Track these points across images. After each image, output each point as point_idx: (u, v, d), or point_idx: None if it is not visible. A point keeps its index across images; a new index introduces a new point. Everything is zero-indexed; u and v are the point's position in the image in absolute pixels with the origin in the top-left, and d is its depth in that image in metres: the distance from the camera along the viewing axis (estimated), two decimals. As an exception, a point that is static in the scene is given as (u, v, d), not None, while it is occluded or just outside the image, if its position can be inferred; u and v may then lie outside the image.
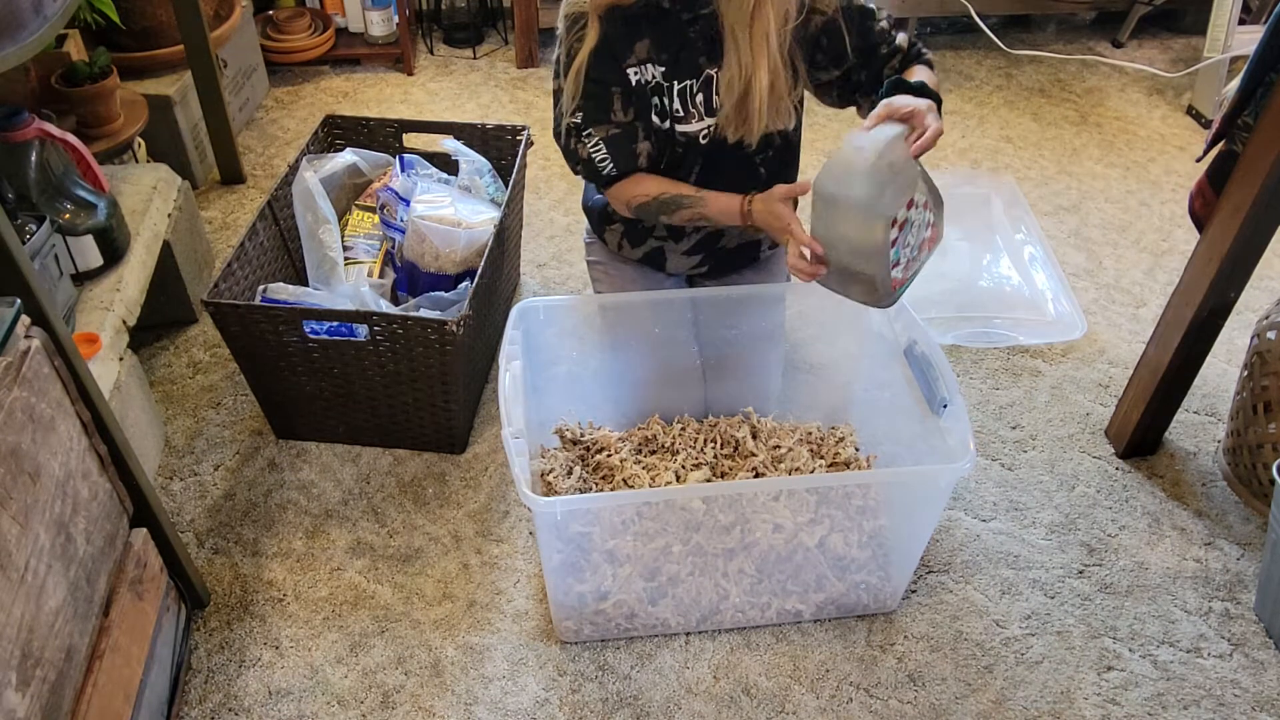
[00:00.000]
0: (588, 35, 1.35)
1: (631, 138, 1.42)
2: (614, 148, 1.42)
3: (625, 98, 1.40)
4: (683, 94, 1.40)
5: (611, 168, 1.43)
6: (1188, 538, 1.60)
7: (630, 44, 1.38)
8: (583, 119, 1.41)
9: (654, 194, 1.45)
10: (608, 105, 1.40)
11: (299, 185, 1.73)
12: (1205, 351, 1.59)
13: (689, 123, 1.42)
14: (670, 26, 1.37)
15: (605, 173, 1.44)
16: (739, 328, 1.60)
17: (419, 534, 1.57)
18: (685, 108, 1.41)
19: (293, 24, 2.73)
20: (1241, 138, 1.40)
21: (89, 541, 1.11)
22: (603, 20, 1.35)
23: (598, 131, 1.41)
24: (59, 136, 1.56)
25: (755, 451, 1.55)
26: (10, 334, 0.99)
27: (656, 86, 1.40)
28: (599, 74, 1.38)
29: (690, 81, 1.40)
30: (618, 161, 1.43)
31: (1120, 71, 2.90)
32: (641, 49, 1.38)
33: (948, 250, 2.21)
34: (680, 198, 1.44)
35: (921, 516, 1.37)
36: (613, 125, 1.41)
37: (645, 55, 1.38)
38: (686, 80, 1.40)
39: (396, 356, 1.54)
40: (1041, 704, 1.37)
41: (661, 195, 1.44)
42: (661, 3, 1.35)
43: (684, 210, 1.45)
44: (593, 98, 1.40)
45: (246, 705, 1.34)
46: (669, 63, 1.39)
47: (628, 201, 1.47)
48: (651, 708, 1.35)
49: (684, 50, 1.38)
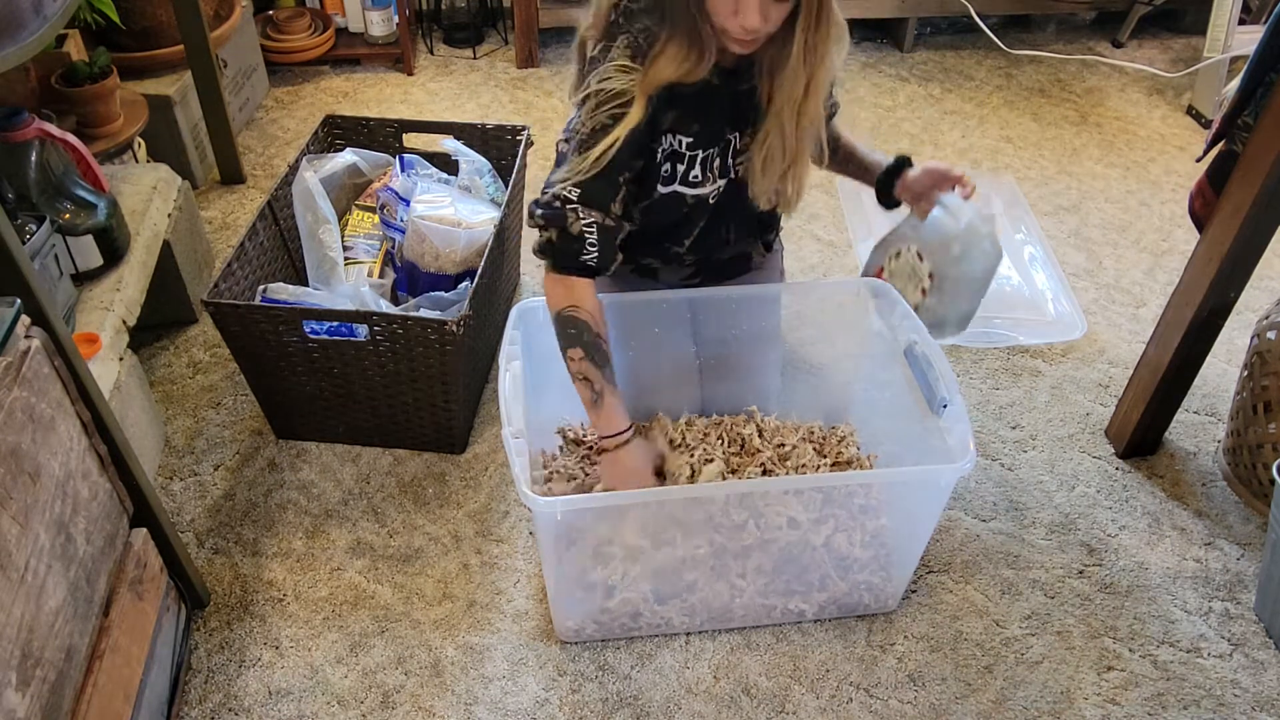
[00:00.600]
0: (631, 114, 1.25)
1: (617, 234, 1.32)
2: (604, 240, 1.30)
3: (627, 188, 1.31)
4: (705, 162, 1.37)
5: (594, 259, 1.30)
6: (1188, 538, 1.60)
7: (663, 117, 1.32)
8: (582, 196, 1.27)
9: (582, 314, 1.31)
10: (613, 196, 1.29)
11: (299, 185, 1.73)
12: (1205, 351, 1.59)
13: (704, 187, 1.39)
14: (706, 97, 1.32)
15: (582, 259, 1.30)
16: (737, 328, 1.60)
17: (419, 534, 1.57)
18: (703, 174, 1.38)
19: (293, 24, 2.73)
20: (1241, 138, 1.40)
21: (89, 541, 1.11)
22: (651, 100, 1.26)
23: (594, 216, 1.28)
24: (59, 136, 1.56)
25: (761, 449, 1.56)
26: (10, 334, 0.99)
27: (675, 155, 1.35)
28: (627, 157, 1.27)
29: (713, 150, 1.37)
30: (602, 256, 1.30)
31: (1120, 71, 2.90)
32: (669, 119, 1.32)
33: (948, 250, 2.21)
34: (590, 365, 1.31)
35: (922, 516, 1.37)
36: (609, 217, 1.30)
37: (671, 125, 1.33)
38: (711, 149, 1.36)
39: (396, 356, 1.54)
40: (1041, 704, 1.37)
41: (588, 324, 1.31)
42: (711, 80, 1.30)
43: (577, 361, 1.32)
44: (606, 181, 1.28)
45: (246, 705, 1.35)
46: (698, 133, 1.34)
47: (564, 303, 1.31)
48: (651, 708, 1.35)
49: (712, 121, 1.35)
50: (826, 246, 2.20)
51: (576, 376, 1.33)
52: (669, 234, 1.46)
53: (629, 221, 1.34)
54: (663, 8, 1.24)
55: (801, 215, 1.62)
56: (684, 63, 1.24)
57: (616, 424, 1.35)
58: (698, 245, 1.49)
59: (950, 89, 2.81)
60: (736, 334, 1.60)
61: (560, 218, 1.28)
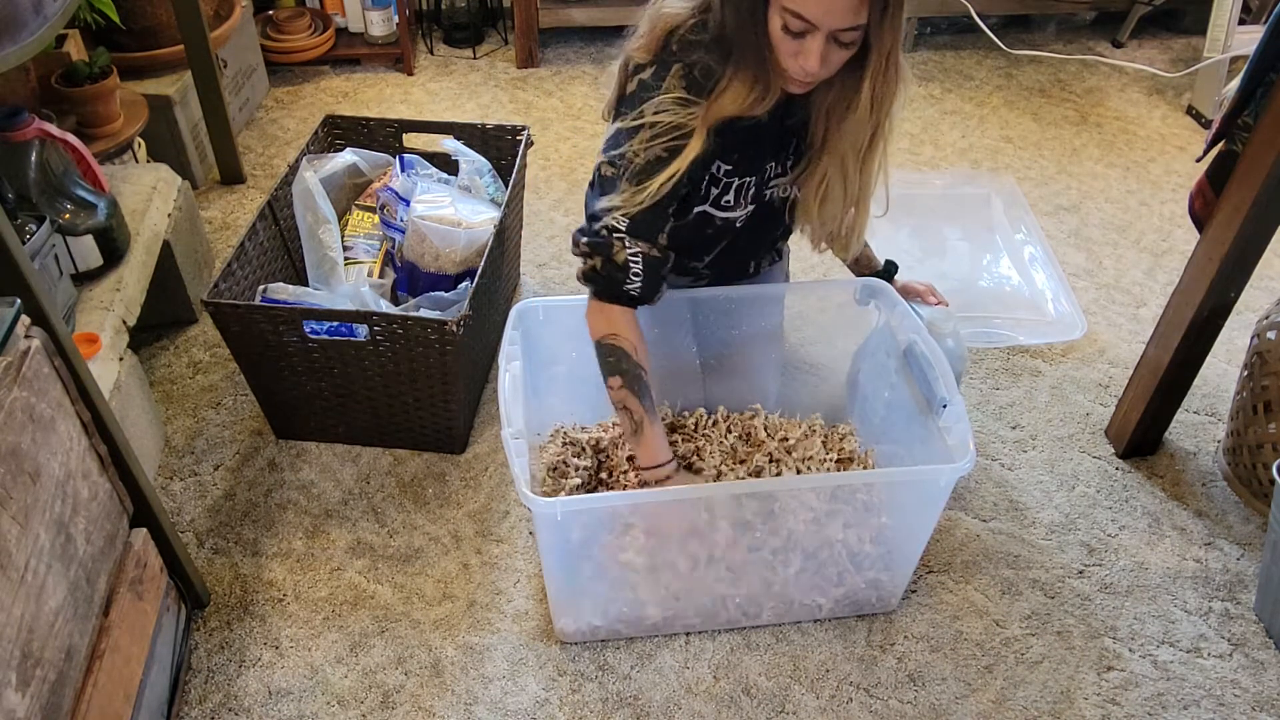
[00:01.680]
0: (690, 147, 1.24)
1: (664, 266, 1.31)
2: (649, 271, 1.29)
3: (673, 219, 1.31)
4: (740, 189, 1.37)
5: (637, 289, 1.30)
6: (1188, 538, 1.60)
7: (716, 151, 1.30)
8: (631, 228, 1.26)
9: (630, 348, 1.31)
10: (662, 227, 1.29)
11: (299, 185, 1.73)
12: (1205, 351, 1.59)
13: (734, 211, 1.39)
14: (752, 132, 1.31)
15: (626, 289, 1.30)
16: (738, 328, 1.60)
17: (419, 534, 1.57)
18: (736, 199, 1.38)
19: (293, 24, 2.73)
20: (1241, 138, 1.40)
21: (89, 541, 1.11)
22: (710, 134, 1.25)
23: (640, 247, 1.28)
24: (59, 136, 1.56)
25: (766, 440, 1.56)
26: (10, 334, 0.99)
27: (713, 179, 1.35)
28: (673, 191, 1.27)
29: (750, 179, 1.36)
30: (646, 286, 1.30)
31: (1120, 71, 2.90)
32: (714, 148, 1.30)
33: (947, 250, 2.21)
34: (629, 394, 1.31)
35: (922, 516, 1.37)
36: (655, 248, 1.29)
37: (717, 153, 1.31)
38: (748, 178, 1.36)
39: (396, 356, 1.54)
40: (1041, 704, 1.37)
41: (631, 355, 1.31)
42: (762, 117, 1.29)
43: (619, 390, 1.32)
44: (655, 213, 1.27)
45: (246, 705, 1.35)
46: (737, 161, 1.34)
47: (606, 331, 1.33)
48: (651, 708, 1.35)
49: (755, 151, 1.35)
50: (826, 246, 2.20)
51: (617, 405, 1.33)
52: (690, 251, 1.46)
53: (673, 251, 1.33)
54: (729, 44, 1.22)
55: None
56: (748, 98, 1.23)
57: (657, 455, 1.34)
58: (716, 264, 1.50)
59: (950, 89, 2.81)
60: (737, 334, 1.60)
61: (606, 246, 1.28)
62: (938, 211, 2.29)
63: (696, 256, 1.48)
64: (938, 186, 2.35)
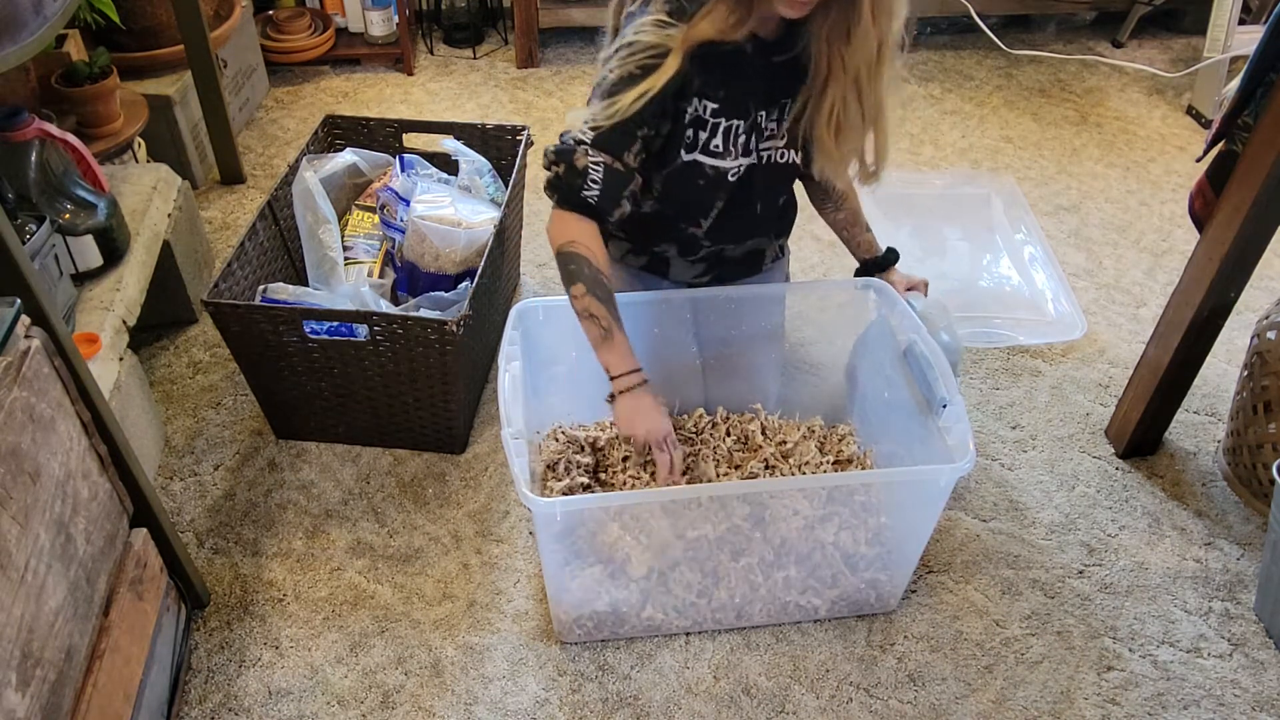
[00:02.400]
0: (666, 66, 1.26)
1: (626, 183, 1.33)
2: (609, 181, 1.31)
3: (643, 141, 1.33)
4: (727, 132, 1.36)
5: (595, 196, 1.31)
6: (1188, 538, 1.60)
7: (695, 80, 1.32)
8: (595, 140, 1.29)
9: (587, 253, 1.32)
10: (628, 145, 1.31)
11: (299, 185, 1.73)
12: (1205, 351, 1.59)
13: (724, 160, 1.38)
14: (736, 66, 1.32)
15: (583, 196, 1.31)
16: (739, 328, 1.60)
17: (419, 534, 1.57)
18: (725, 145, 1.37)
19: (293, 24, 2.73)
20: (1241, 138, 1.40)
21: (89, 541, 1.11)
22: (685, 57, 1.27)
23: (602, 157, 1.30)
24: (59, 136, 1.56)
25: (764, 444, 1.56)
26: (10, 334, 0.99)
27: (699, 120, 1.35)
28: (652, 114, 1.29)
29: (738, 122, 1.36)
30: (603, 197, 1.32)
31: (1120, 71, 2.90)
32: (698, 82, 1.32)
33: (947, 250, 2.21)
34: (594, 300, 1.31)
35: (922, 516, 1.37)
36: (618, 162, 1.31)
37: (700, 89, 1.33)
38: (735, 120, 1.36)
39: (396, 356, 1.54)
40: (1041, 704, 1.37)
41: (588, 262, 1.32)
42: (745, 47, 1.30)
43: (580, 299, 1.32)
44: (622, 132, 1.29)
45: (246, 705, 1.35)
46: (723, 100, 1.34)
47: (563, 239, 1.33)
48: (651, 708, 1.35)
49: (741, 91, 1.34)
50: (826, 246, 2.20)
51: (583, 315, 1.33)
52: (687, 212, 1.46)
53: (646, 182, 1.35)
54: None
55: (801, 215, 1.62)
56: (728, 20, 1.25)
57: (628, 362, 1.35)
58: (716, 231, 1.48)
59: (950, 89, 2.81)
60: (738, 334, 1.60)
61: (569, 153, 1.30)
62: (938, 211, 2.29)
63: (694, 220, 1.47)
64: (938, 186, 2.35)
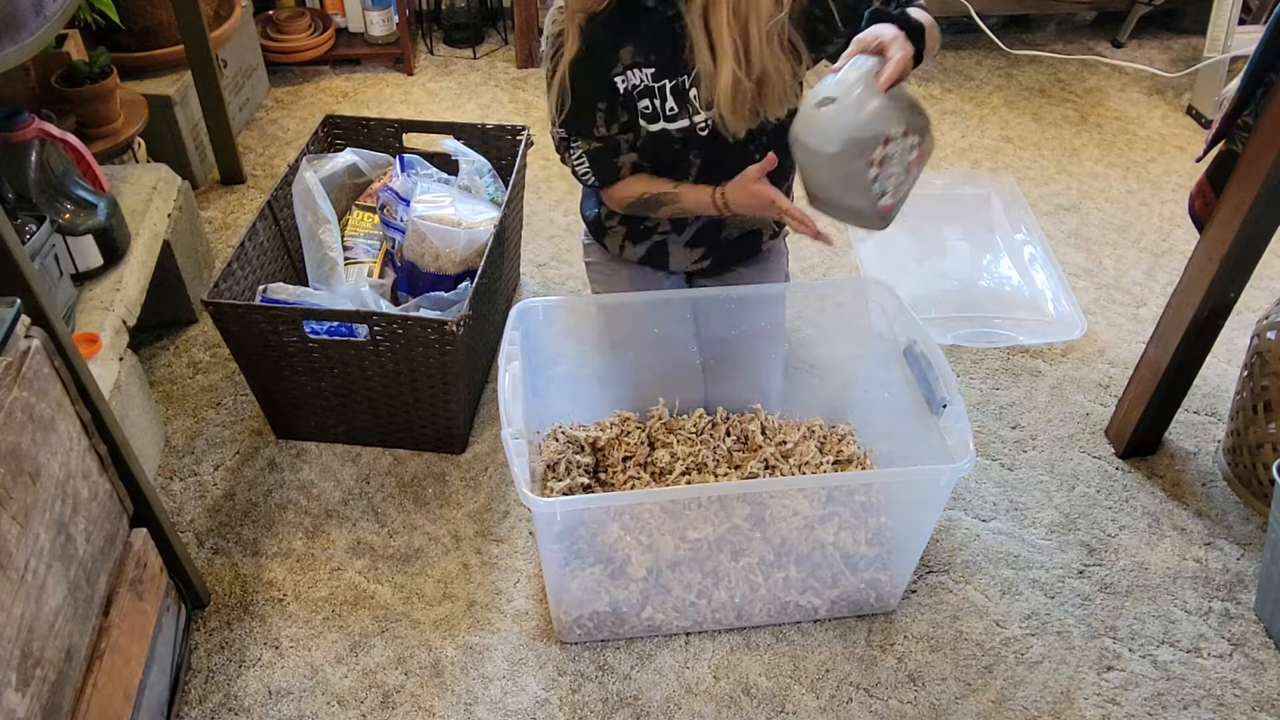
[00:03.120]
0: (566, 48, 1.37)
1: (614, 151, 1.45)
2: (596, 162, 1.46)
3: (608, 111, 1.42)
4: (675, 91, 1.40)
5: (594, 180, 1.48)
6: (1188, 538, 1.60)
7: (615, 51, 1.37)
8: (567, 132, 1.45)
9: (636, 194, 1.49)
10: (590, 120, 1.43)
11: (299, 185, 1.73)
12: (1205, 351, 1.59)
13: (685, 118, 1.42)
14: (654, 26, 1.36)
15: (589, 184, 1.50)
16: (739, 327, 1.60)
17: (419, 534, 1.57)
18: (680, 104, 1.41)
19: (293, 24, 2.73)
20: (1241, 138, 1.40)
21: (89, 541, 1.11)
22: (583, 31, 1.35)
23: (581, 145, 1.45)
24: (59, 136, 1.56)
25: (764, 445, 1.56)
26: (10, 334, 0.99)
27: (646, 89, 1.40)
28: (581, 87, 1.40)
29: (682, 78, 1.39)
30: (599, 175, 1.48)
31: (1120, 71, 2.90)
32: (627, 55, 1.38)
33: (947, 250, 2.21)
34: (659, 195, 1.48)
35: (922, 516, 1.37)
36: (594, 140, 1.44)
37: (631, 60, 1.38)
38: (678, 77, 1.39)
39: (396, 356, 1.54)
40: (1041, 704, 1.37)
41: (643, 195, 1.49)
42: (646, 3, 1.35)
43: (664, 207, 1.49)
44: (575, 112, 1.42)
45: (246, 705, 1.35)
46: (656, 63, 1.38)
47: (619, 202, 1.52)
48: (651, 708, 1.35)
49: (670, 46, 1.37)
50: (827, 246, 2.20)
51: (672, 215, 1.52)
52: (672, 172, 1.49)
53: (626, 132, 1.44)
54: None
55: (802, 214, 1.62)
56: None
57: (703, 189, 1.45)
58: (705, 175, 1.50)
59: (950, 89, 2.81)
60: (738, 334, 1.60)
61: (562, 155, 1.48)
62: (938, 211, 2.29)
63: (681, 176, 1.49)
64: (938, 186, 2.35)
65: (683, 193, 1.47)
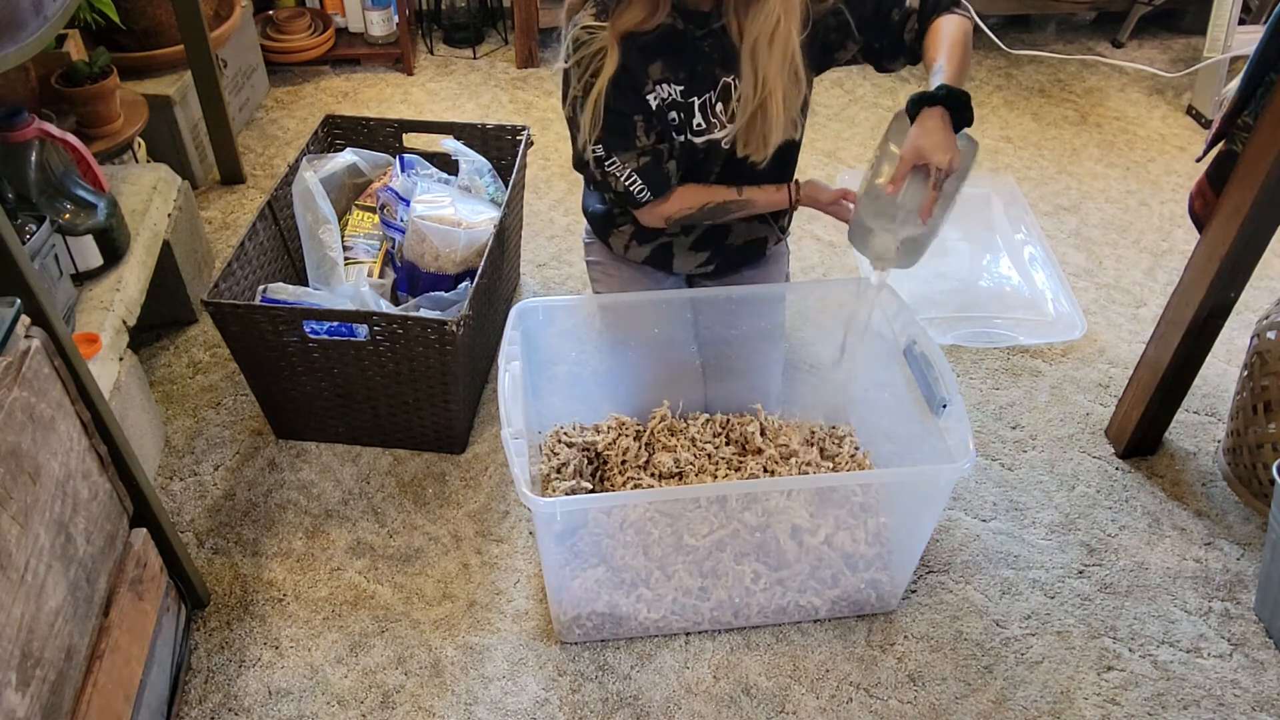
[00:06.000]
0: (605, 65, 1.34)
1: (660, 159, 1.42)
2: (646, 175, 1.42)
3: (646, 122, 1.40)
4: (703, 107, 1.41)
5: (647, 194, 1.44)
6: (1188, 538, 1.60)
7: (646, 68, 1.37)
8: (605, 150, 1.40)
9: (697, 205, 1.47)
10: (631, 133, 1.40)
11: (299, 185, 1.73)
12: (1205, 351, 1.59)
13: (712, 132, 1.43)
14: (684, 44, 1.37)
15: (642, 200, 1.44)
16: (739, 328, 1.60)
17: (419, 534, 1.57)
18: (707, 119, 1.42)
19: (293, 24, 2.73)
20: (1241, 138, 1.40)
21: (89, 541, 1.11)
22: (620, 48, 1.34)
23: (626, 161, 1.41)
24: (59, 136, 1.56)
25: (764, 447, 1.56)
26: (10, 334, 0.99)
27: (674, 104, 1.40)
28: (619, 104, 1.37)
29: (709, 94, 1.40)
30: (652, 187, 1.44)
31: (1120, 71, 2.90)
32: (656, 70, 1.38)
33: (948, 250, 2.21)
34: (726, 204, 1.47)
35: (922, 516, 1.37)
36: (640, 153, 1.41)
37: (661, 76, 1.38)
38: (705, 94, 1.40)
39: (396, 356, 1.54)
40: (1041, 704, 1.37)
41: (706, 205, 1.47)
42: (675, 24, 1.35)
43: (733, 214, 1.50)
44: (615, 129, 1.39)
45: (246, 705, 1.35)
46: (686, 79, 1.39)
47: (667, 217, 1.48)
48: (651, 708, 1.35)
49: (699, 64, 1.38)
50: (826, 246, 2.20)
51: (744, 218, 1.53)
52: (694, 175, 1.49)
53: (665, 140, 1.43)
54: None
55: (801, 215, 1.63)
56: (645, 9, 1.32)
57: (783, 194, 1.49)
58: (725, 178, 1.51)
59: (950, 89, 2.81)
60: (738, 334, 1.60)
61: (605, 185, 1.44)
62: (938, 211, 2.28)
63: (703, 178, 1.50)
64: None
65: (754, 199, 1.47)
